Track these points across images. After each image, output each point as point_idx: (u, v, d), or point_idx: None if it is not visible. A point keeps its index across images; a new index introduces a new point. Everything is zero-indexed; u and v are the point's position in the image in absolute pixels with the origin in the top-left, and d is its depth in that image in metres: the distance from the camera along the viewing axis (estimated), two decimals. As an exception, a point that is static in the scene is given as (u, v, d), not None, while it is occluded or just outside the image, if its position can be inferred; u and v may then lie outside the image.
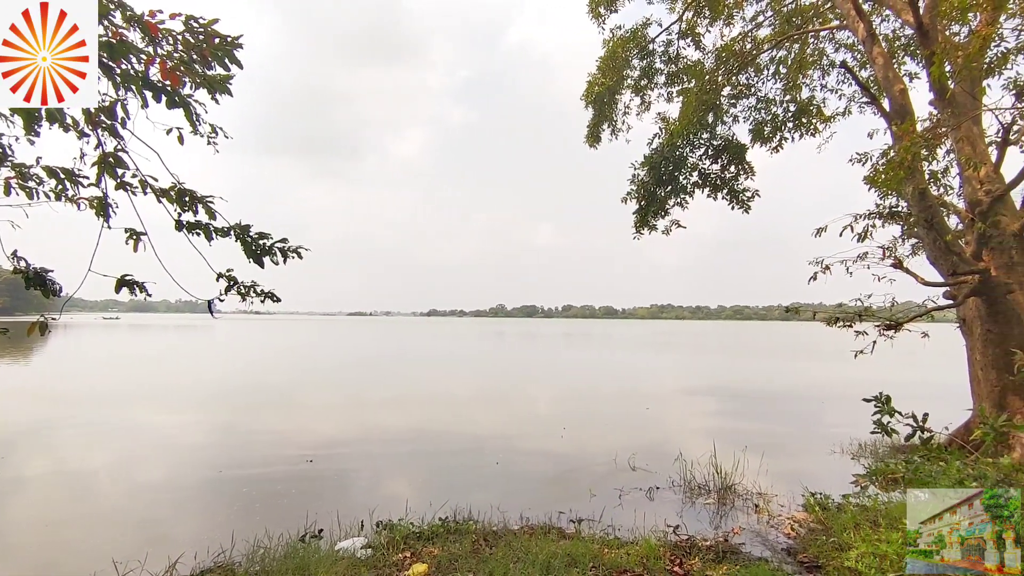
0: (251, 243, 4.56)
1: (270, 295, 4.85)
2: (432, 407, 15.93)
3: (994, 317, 9.16)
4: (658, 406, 16.65)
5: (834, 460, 10.10)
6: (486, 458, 10.14)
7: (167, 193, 4.39)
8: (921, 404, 5.42)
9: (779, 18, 14.72)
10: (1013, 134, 9.57)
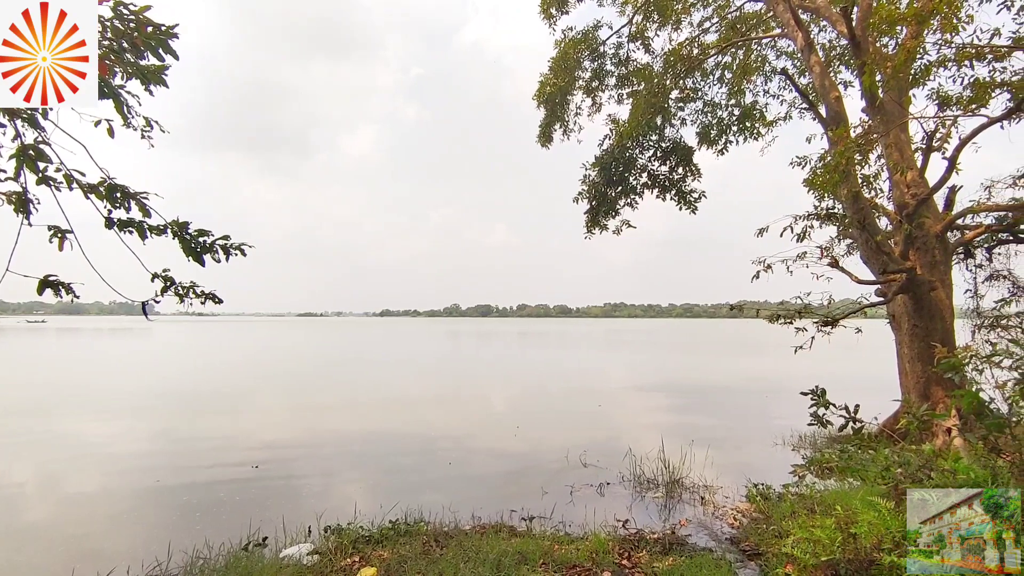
0: (190, 241, 4.36)
1: (211, 296, 4.65)
2: (385, 409, 15.69)
3: (919, 313, 9.71)
4: (610, 403, 16.92)
5: (776, 451, 10.49)
6: (439, 459, 10.07)
7: (95, 189, 4.15)
8: (856, 396, 5.69)
9: (724, 24, 15.20)
10: (936, 141, 10.15)
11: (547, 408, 16.17)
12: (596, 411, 15.41)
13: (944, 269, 9.90)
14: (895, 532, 3.75)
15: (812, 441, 10.88)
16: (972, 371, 4.90)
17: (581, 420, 14.15)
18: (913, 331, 9.79)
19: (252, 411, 15.35)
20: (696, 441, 10.42)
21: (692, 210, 15.07)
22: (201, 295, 4.57)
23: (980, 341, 10.05)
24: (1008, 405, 4.41)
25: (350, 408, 15.81)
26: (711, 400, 17.89)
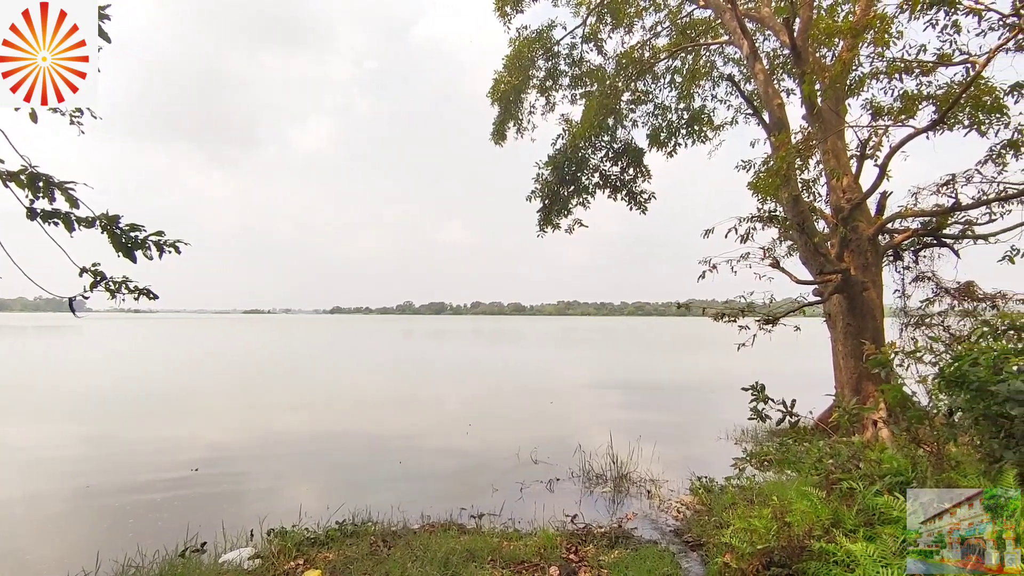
0: (120, 235, 4.15)
1: (145, 292, 4.44)
2: (334, 409, 15.38)
3: (853, 312, 10.21)
4: (562, 400, 17.10)
5: (720, 445, 10.83)
6: (389, 458, 9.93)
7: (16, 177, 3.89)
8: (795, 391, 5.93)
9: (675, 29, 15.56)
10: (869, 149, 10.69)
11: (500, 406, 16.20)
12: (548, 409, 15.54)
13: (875, 270, 10.44)
14: (825, 520, 3.93)
15: (754, 435, 11.28)
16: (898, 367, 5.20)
17: (533, 418, 14.24)
18: (847, 329, 10.28)
19: (192, 412, 14.74)
20: (644, 437, 10.64)
21: (642, 210, 15.39)
22: (135, 291, 4.36)
23: (907, 339, 10.65)
24: (929, 398, 4.71)
25: (298, 408, 15.41)
26: (660, 397, 18.33)
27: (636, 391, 19.45)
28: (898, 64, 10.56)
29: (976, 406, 3.94)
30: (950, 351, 4.93)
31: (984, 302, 10.27)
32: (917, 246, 11.17)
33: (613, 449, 8.97)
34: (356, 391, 19.31)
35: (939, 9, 8.65)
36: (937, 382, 4.37)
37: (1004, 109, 9.66)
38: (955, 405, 4.41)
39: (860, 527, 3.75)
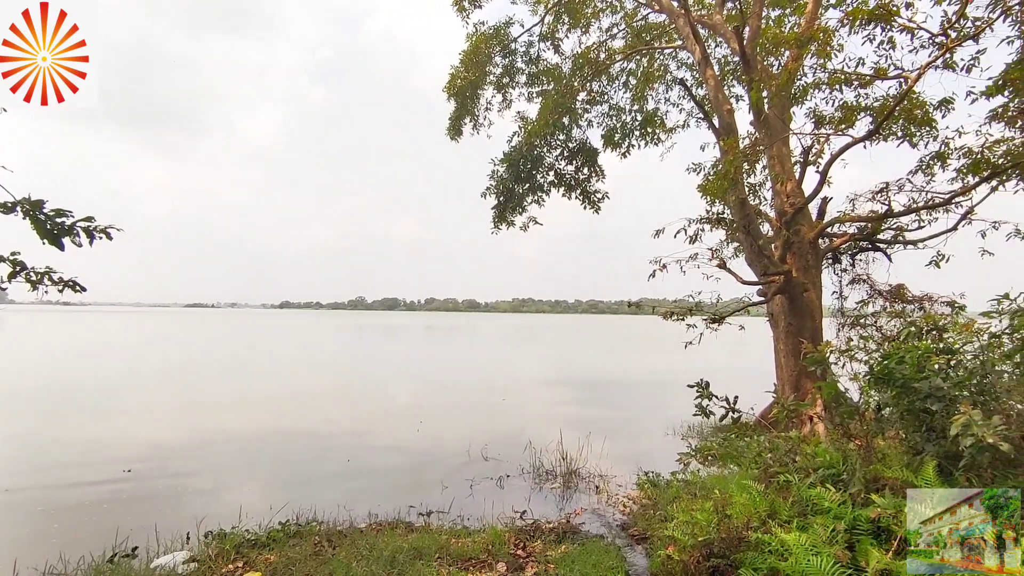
0: (45, 221, 3.90)
1: (71, 284, 4.19)
2: (281, 406, 14.93)
3: (794, 312, 10.64)
4: (514, 397, 17.16)
5: (667, 441, 11.09)
6: (337, 456, 9.72)
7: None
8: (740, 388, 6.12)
9: (631, 32, 15.81)
10: (811, 156, 11.15)
11: (452, 403, 16.11)
12: (500, 405, 15.56)
13: (816, 273, 10.90)
14: (762, 512, 4.08)
15: (699, 431, 11.60)
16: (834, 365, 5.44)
17: (485, 414, 14.24)
18: (788, 328, 10.70)
19: (125, 411, 13.99)
20: (594, 433, 10.79)
21: (596, 210, 15.59)
22: (59, 282, 4.11)
23: (843, 338, 11.15)
24: (860, 394, 4.94)
25: (241, 406, 14.89)
26: (611, 393, 18.64)
27: (587, 388, 19.72)
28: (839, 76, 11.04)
29: (901, 402, 4.17)
30: (881, 350, 5.18)
31: (912, 304, 10.85)
32: (854, 250, 11.70)
33: (563, 445, 9.06)
34: (304, 388, 18.82)
35: (876, 25, 9.08)
36: (867, 379, 4.59)
37: (933, 123, 10.26)
38: (883, 401, 4.65)
39: (794, 518, 3.91)
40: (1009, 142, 9.32)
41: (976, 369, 4.18)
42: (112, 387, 18.08)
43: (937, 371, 4.06)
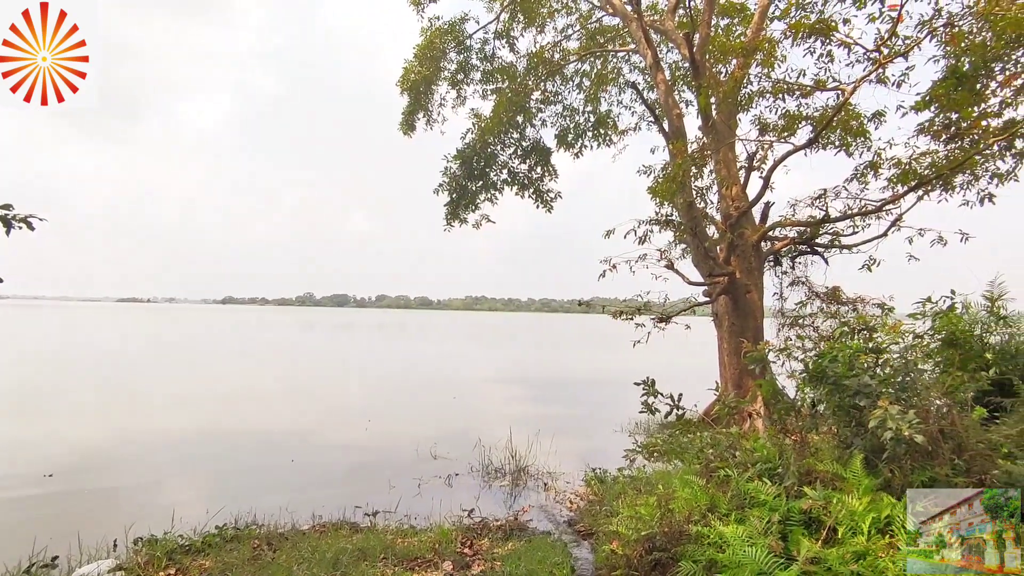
0: (-47, 208, 3.61)
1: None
2: (221, 405, 14.40)
3: (737, 312, 11.00)
4: (465, 395, 17.11)
5: (616, 438, 11.28)
6: (281, 456, 9.45)
7: None
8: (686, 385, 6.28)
9: (586, 34, 15.98)
10: (756, 161, 11.57)
11: (402, 401, 15.94)
12: (451, 403, 15.49)
13: (758, 275, 11.30)
14: (703, 505, 4.20)
15: (646, 427, 11.85)
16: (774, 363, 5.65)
17: (435, 412, 14.13)
18: (731, 328, 11.05)
19: (47, 412, 13.10)
20: (544, 430, 10.86)
21: (548, 209, 15.71)
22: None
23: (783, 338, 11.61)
24: (796, 391, 5.16)
25: (178, 405, 14.26)
26: (561, 391, 18.83)
27: (538, 386, 19.85)
28: (782, 85, 11.49)
29: (833, 398, 4.37)
30: (816, 349, 5.42)
31: (847, 305, 11.39)
32: (794, 253, 12.19)
33: (513, 443, 9.09)
34: (247, 386, 18.18)
35: (817, 39, 9.49)
36: (803, 377, 4.79)
37: (867, 134, 10.81)
38: (817, 398, 4.87)
39: (733, 511, 4.03)
40: (934, 155, 9.90)
41: (900, 367, 4.42)
42: (30, 387, 16.95)
43: (865, 369, 4.28)
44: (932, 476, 3.85)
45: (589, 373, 24.47)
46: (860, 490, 3.73)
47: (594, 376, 23.18)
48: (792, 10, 11.82)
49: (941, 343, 5.84)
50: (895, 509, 3.50)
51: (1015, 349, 6.17)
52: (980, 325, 6.37)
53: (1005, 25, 7.14)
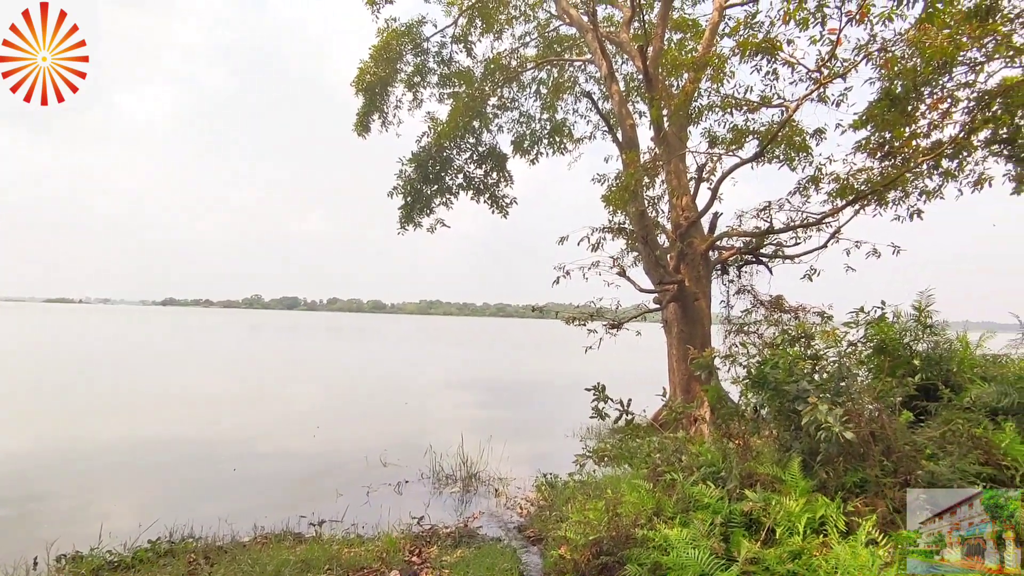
0: None
1: None
2: (158, 412, 13.73)
3: (686, 319, 11.28)
4: (418, 400, 16.90)
5: (567, 442, 11.36)
6: (222, 465, 9.08)
7: None
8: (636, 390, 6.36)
9: (543, 42, 16.15)
10: (705, 173, 11.92)
11: (352, 407, 15.62)
12: (402, 409, 15.28)
13: (706, 283, 11.62)
14: (649, 509, 4.27)
15: (598, 432, 11.98)
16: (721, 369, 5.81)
17: (387, 418, 13.92)
18: (680, 335, 11.33)
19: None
20: (497, 435, 10.85)
21: (504, 214, 15.75)
22: None
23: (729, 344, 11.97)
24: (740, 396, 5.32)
25: (111, 413, 13.52)
26: (515, 396, 18.86)
27: (492, 390, 19.83)
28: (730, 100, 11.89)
29: (774, 403, 4.53)
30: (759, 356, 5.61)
31: (789, 313, 11.84)
32: (740, 262, 12.59)
33: (464, 449, 9.03)
34: (187, 392, 17.39)
35: (763, 57, 9.86)
36: (746, 383, 4.95)
37: (809, 149, 11.31)
38: (760, 403, 5.03)
39: (678, 514, 4.12)
40: (869, 171, 10.44)
41: (836, 373, 4.62)
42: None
43: (804, 375, 4.45)
44: (863, 477, 4.03)
45: (542, 378, 24.60)
46: (797, 491, 3.87)
47: (547, 381, 23.33)
48: (741, 28, 12.28)
49: (873, 350, 6.15)
50: (829, 509, 3.65)
51: (939, 356, 6.56)
52: (908, 333, 6.75)
53: (932, 53, 7.60)
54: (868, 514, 3.65)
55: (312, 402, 16.53)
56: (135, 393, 16.53)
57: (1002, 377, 6.16)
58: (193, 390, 17.83)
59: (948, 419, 5.12)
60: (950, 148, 9.20)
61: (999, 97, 8.31)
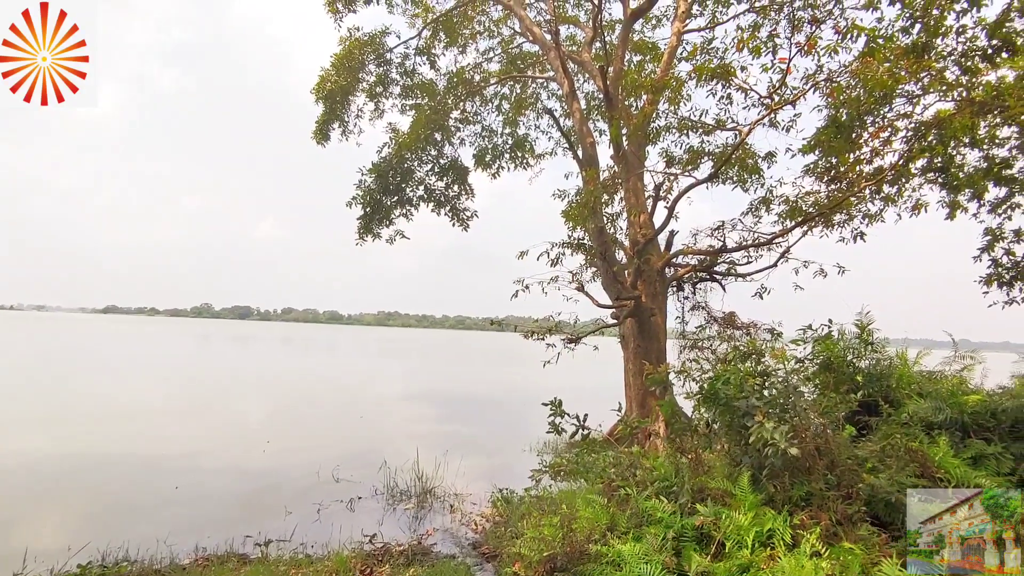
0: None
1: None
2: (93, 426, 12.99)
3: (642, 334, 11.46)
4: (374, 414, 16.57)
5: (524, 457, 11.31)
6: (163, 482, 8.65)
7: None
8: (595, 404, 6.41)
9: (507, 58, 16.32)
10: (662, 192, 12.24)
11: (305, 420, 15.18)
12: (357, 423, 14.94)
13: (662, 299, 11.86)
14: (603, 524, 4.29)
15: (555, 447, 11.98)
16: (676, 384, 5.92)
17: (341, 432, 13.58)
18: (637, 350, 11.49)
19: None
20: (453, 450, 10.73)
21: (464, 227, 15.74)
22: None
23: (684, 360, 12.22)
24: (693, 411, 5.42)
25: (39, 425, 12.70)
26: (473, 410, 18.71)
27: (449, 404, 19.63)
28: (687, 122, 12.28)
29: (725, 418, 4.63)
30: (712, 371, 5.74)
31: (741, 329, 12.19)
32: (695, 279, 12.91)
33: (419, 464, 8.89)
34: (125, 405, 16.48)
35: (718, 82, 10.21)
36: (699, 398, 5.05)
37: (760, 172, 11.75)
38: (711, 418, 5.15)
39: (632, 529, 4.15)
40: (817, 194, 10.91)
41: (783, 390, 4.77)
42: None
43: (753, 391, 4.58)
44: (809, 491, 4.15)
45: (500, 391, 24.53)
46: (746, 505, 3.95)
47: (505, 394, 23.27)
48: (698, 53, 12.72)
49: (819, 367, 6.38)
50: (776, 522, 3.75)
51: (880, 372, 6.86)
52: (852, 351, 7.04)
53: (874, 84, 8.04)
54: (812, 527, 3.76)
55: (263, 416, 16.00)
56: (65, 407, 15.58)
57: (936, 393, 6.49)
58: (132, 403, 16.92)
59: (888, 433, 5.35)
60: (890, 174, 9.70)
61: (934, 128, 8.82)
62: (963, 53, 8.18)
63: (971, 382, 7.31)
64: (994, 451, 5.43)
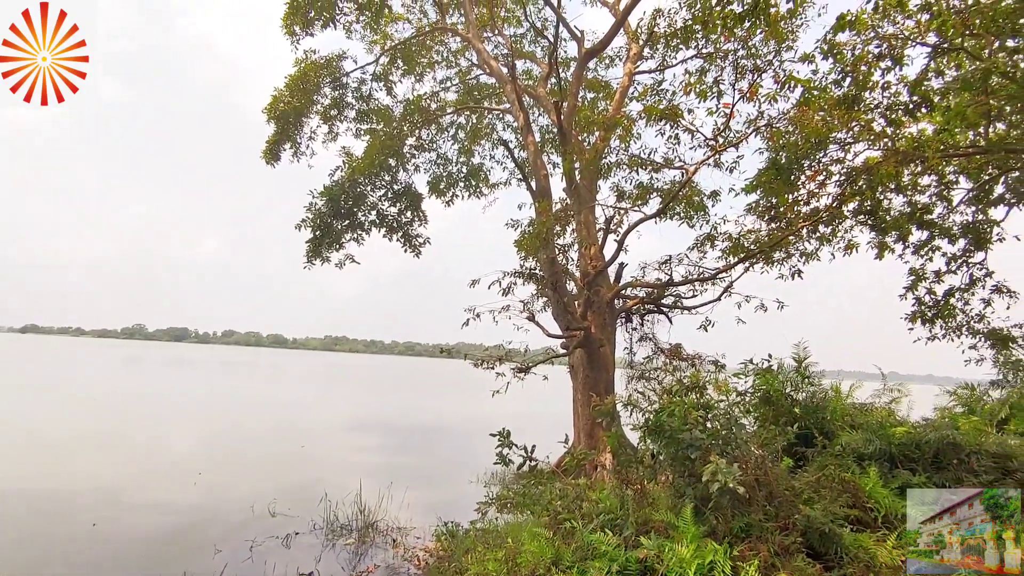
0: None
1: None
2: (4, 456, 11.99)
3: (591, 365, 11.57)
4: (316, 444, 15.96)
5: (472, 489, 11.10)
6: (78, 520, 8.01)
7: None
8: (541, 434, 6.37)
9: (464, 88, 16.55)
10: (612, 225, 12.53)
11: (242, 451, 14.46)
12: (298, 453, 14.35)
13: (611, 330, 12.04)
14: (548, 559, 4.23)
15: (502, 478, 11.82)
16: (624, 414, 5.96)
17: (279, 464, 13.00)
18: (586, 380, 11.58)
19: None
20: (398, 481, 10.42)
21: (416, 254, 15.64)
22: None
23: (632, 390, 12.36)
24: (639, 443, 5.47)
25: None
26: (420, 440, 18.32)
27: (395, 433, 19.15)
28: (637, 159, 12.69)
29: (669, 450, 4.69)
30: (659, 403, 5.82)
31: (686, 360, 12.46)
32: (643, 311, 13.18)
33: (362, 496, 8.58)
34: (40, 432, 15.21)
35: (667, 122, 10.66)
36: (644, 430, 5.11)
37: (705, 209, 12.23)
38: (656, 449, 5.21)
39: (576, 563, 4.11)
40: (758, 232, 11.41)
41: (725, 423, 4.89)
42: None
43: (697, 423, 4.67)
44: (748, 522, 4.23)
45: (448, 421, 24.14)
46: (688, 538, 3.99)
47: (453, 424, 22.91)
48: (648, 94, 13.26)
49: (759, 400, 6.58)
50: (717, 555, 3.79)
51: (816, 405, 7.14)
52: (790, 383, 7.32)
53: (810, 131, 8.58)
54: (752, 558, 3.83)
55: (194, 445, 15.16)
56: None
57: (867, 425, 6.80)
58: (46, 432, 15.61)
59: (822, 465, 5.55)
60: (825, 215, 10.28)
61: (864, 174, 9.44)
62: (888, 106, 8.83)
63: (898, 414, 7.72)
64: (919, 481, 5.70)
